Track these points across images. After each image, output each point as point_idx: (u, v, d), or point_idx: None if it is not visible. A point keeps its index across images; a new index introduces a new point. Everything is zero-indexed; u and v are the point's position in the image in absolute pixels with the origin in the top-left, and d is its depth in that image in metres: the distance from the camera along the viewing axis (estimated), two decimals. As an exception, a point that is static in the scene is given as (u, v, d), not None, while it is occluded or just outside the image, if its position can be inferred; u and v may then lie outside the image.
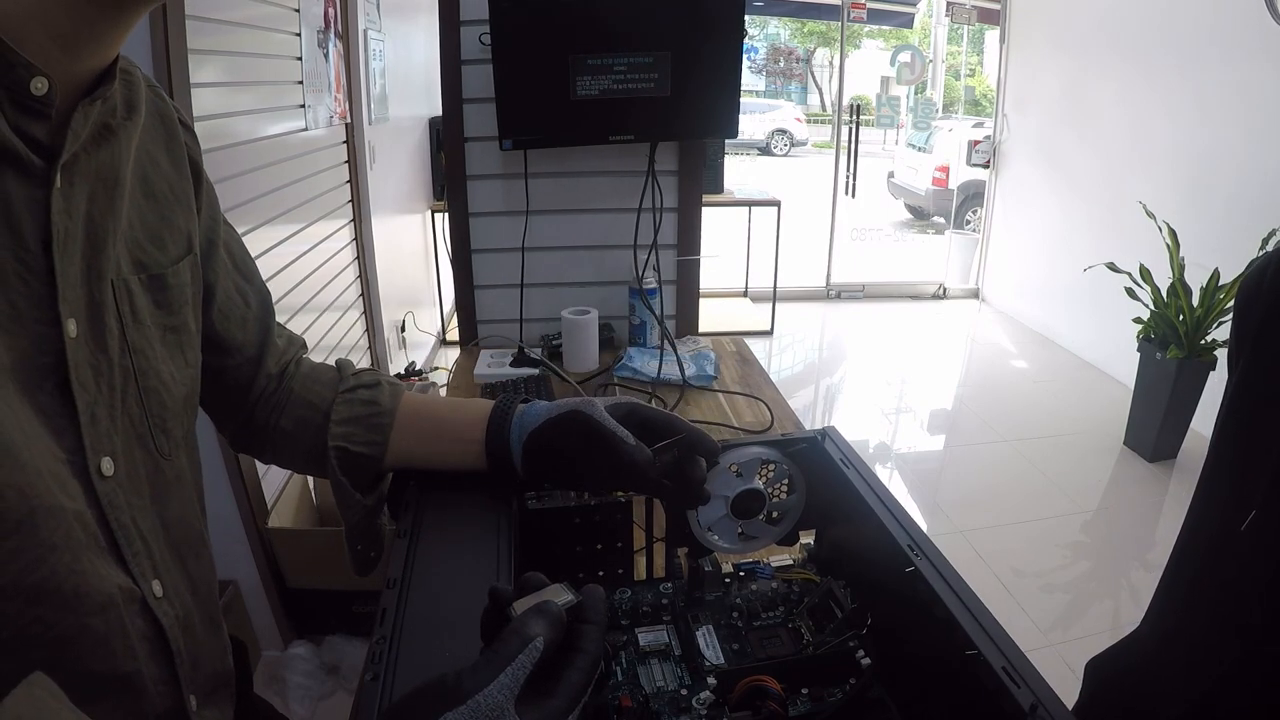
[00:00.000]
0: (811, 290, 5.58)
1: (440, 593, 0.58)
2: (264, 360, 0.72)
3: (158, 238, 0.58)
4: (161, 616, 0.53)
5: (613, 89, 1.53)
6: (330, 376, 0.75)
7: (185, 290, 0.60)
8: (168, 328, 0.58)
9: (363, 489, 0.72)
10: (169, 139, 0.62)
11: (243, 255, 0.72)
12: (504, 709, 0.40)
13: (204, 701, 0.60)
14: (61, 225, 0.46)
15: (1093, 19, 4.24)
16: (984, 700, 0.49)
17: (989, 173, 5.40)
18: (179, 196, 0.61)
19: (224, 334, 0.68)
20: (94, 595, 0.47)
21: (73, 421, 0.47)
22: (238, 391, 0.71)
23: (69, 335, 0.47)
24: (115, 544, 0.50)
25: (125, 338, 0.52)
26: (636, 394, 1.56)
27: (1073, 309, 4.50)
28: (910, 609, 0.59)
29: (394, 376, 0.80)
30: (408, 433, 0.73)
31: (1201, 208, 3.43)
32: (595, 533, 0.75)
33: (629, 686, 0.66)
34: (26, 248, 0.45)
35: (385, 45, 3.10)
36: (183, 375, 0.59)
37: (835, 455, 0.75)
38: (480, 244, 1.78)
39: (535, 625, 0.43)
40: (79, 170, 0.48)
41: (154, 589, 0.53)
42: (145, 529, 0.53)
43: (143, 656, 0.51)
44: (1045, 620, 2.30)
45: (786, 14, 8.92)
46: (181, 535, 0.58)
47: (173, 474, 0.58)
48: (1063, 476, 3.11)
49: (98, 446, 0.48)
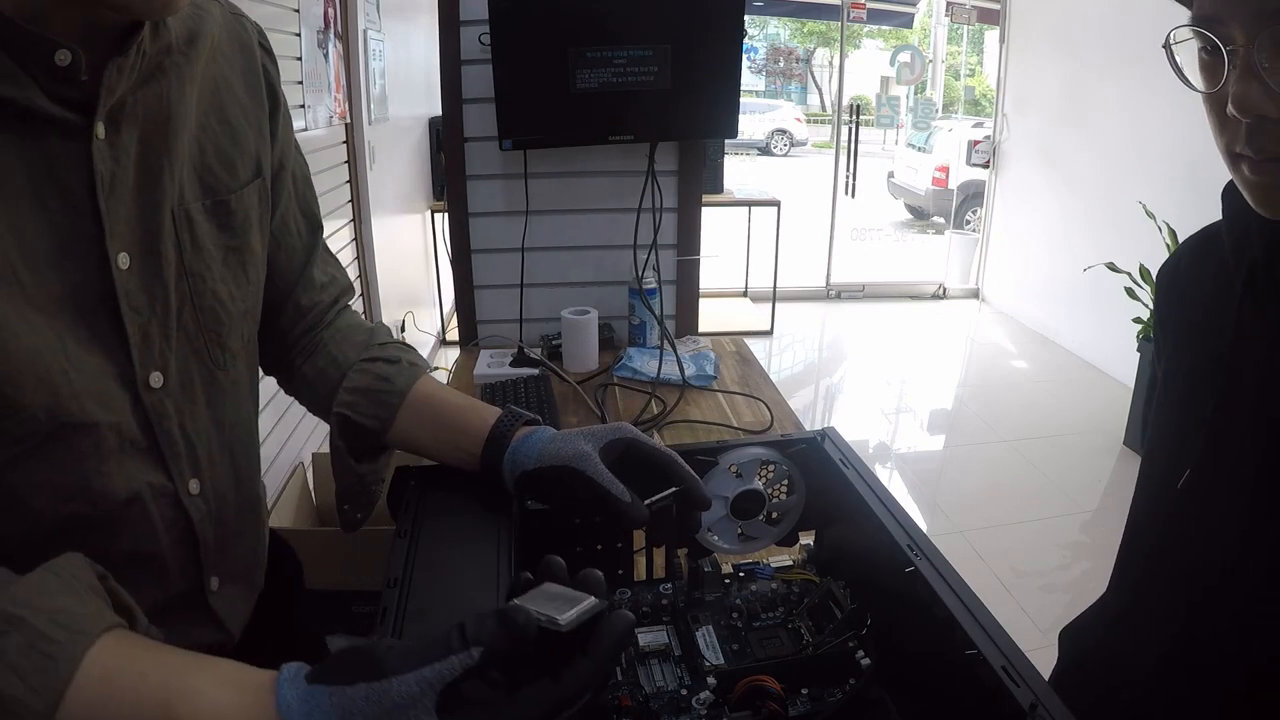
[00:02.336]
0: (811, 290, 5.58)
1: (440, 593, 0.58)
2: (295, 291, 0.75)
3: (228, 162, 0.63)
4: (192, 511, 0.61)
5: (612, 82, 1.53)
6: (360, 339, 0.76)
7: (250, 214, 0.65)
8: (230, 248, 0.63)
9: (359, 457, 0.73)
10: (246, 66, 0.65)
11: (305, 186, 0.75)
12: (415, 702, 0.39)
13: (227, 581, 0.68)
14: (107, 171, 0.51)
15: (1092, 19, 4.24)
16: (984, 700, 0.49)
17: (989, 173, 5.40)
18: (252, 122, 0.65)
19: (271, 255, 0.71)
20: (119, 493, 0.55)
21: (124, 342, 0.54)
22: (270, 310, 0.73)
23: (119, 267, 0.53)
24: (157, 447, 0.58)
25: (183, 262, 0.58)
26: (636, 394, 1.56)
27: (1073, 309, 4.50)
28: (910, 609, 0.59)
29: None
30: (414, 418, 0.72)
31: (1201, 208, 3.39)
32: (595, 533, 0.75)
33: (629, 686, 0.66)
34: (73, 193, 0.50)
35: (385, 45, 3.10)
36: (242, 292, 0.65)
37: (835, 456, 0.75)
38: (480, 244, 1.78)
39: (484, 631, 0.40)
40: (126, 116, 0.53)
41: (189, 487, 0.61)
42: (194, 432, 0.61)
43: (168, 542, 0.60)
44: (1045, 620, 2.30)
45: (786, 14, 8.93)
46: (235, 435, 0.66)
47: (228, 381, 0.64)
48: (1063, 476, 3.11)
49: (147, 363, 0.56)
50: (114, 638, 0.43)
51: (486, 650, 0.40)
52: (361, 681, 0.39)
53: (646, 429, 1.42)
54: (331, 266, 0.80)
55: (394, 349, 0.76)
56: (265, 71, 0.67)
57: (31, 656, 0.40)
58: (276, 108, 0.68)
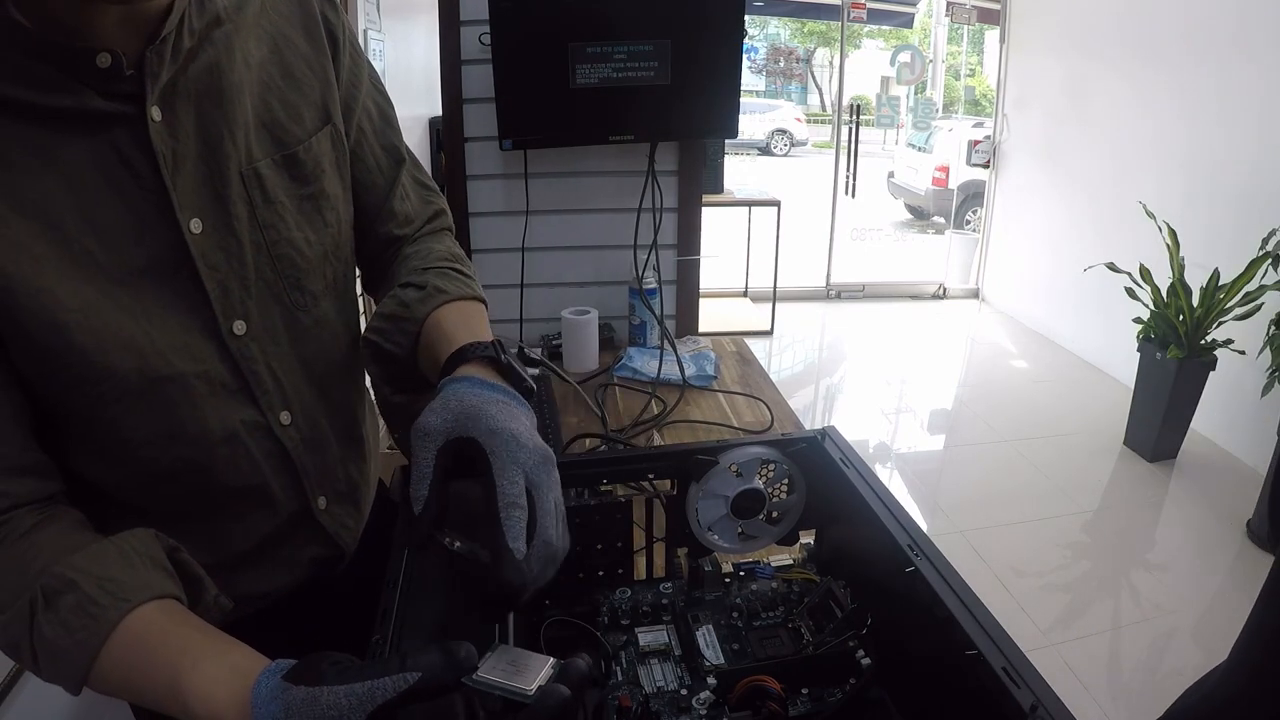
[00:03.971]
0: (811, 290, 5.58)
1: (440, 593, 0.58)
2: (376, 223, 0.77)
3: (295, 114, 0.66)
4: (285, 440, 0.67)
5: (612, 78, 1.53)
6: (415, 264, 0.74)
7: (322, 160, 0.68)
8: (303, 197, 0.66)
9: (394, 383, 0.70)
10: (305, 18, 0.68)
11: (382, 122, 0.77)
12: (344, 715, 0.40)
13: (334, 501, 0.75)
14: (167, 149, 0.56)
15: (1092, 19, 4.24)
16: (984, 700, 0.49)
17: (989, 173, 5.39)
18: (316, 70, 0.68)
19: (355, 191, 0.74)
20: (216, 432, 0.62)
21: (205, 298, 0.60)
22: (359, 240, 0.77)
23: (192, 232, 0.58)
24: (248, 387, 0.63)
25: (255, 217, 0.63)
26: (636, 394, 1.56)
27: (1073, 309, 4.49)
28: (910, 609, 0.59)
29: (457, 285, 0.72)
30: (426, 351, 0.67)
31: (1201, 207, 3.43)
32: (595, 532, 0.75)
33: (629, 686, 0.66)
34: (141, 174, 0.56)
35: (385, 45, 3.10)
36: (319, 236, 0.68)
37: (835, 455, 0.75)
38: (480, 244, 1.78)
39: (423, 659, 0.41)
40: (179, 95, 0.57)
41: (280, 419, 0.66)
42: (281, 370, 0.66)
43: (269, 471, 0.67)
44: (1045, 620, 2.30)
45: (786, 14, 8.91)
46: (323, 369, 0.71)
47: (310, 321, 0.68)
48: (1063, 476, 3.11)
49: (229, 313, 0.61)
50: (155, 607, 0.50)
51: (424, 677, 0.41)
52: (303, 685, 0.42)
53: (646, 429, 1.42)
54: (415, 201, 0.80)
55: (431, 275, 0.71)
56: (325, 18, 0.69)
57: (80, 615, 0.48)
58: (338, 51, 0.70)
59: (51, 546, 0.52)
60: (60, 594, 0.49)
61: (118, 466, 0.61)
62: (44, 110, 0.51)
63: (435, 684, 0.41)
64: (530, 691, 0.42)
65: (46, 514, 0.55)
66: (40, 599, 0.49)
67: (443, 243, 0.79)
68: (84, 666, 0.48)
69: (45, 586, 0.49)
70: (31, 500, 0.54)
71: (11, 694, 0.99)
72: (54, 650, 0.48)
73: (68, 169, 0.53)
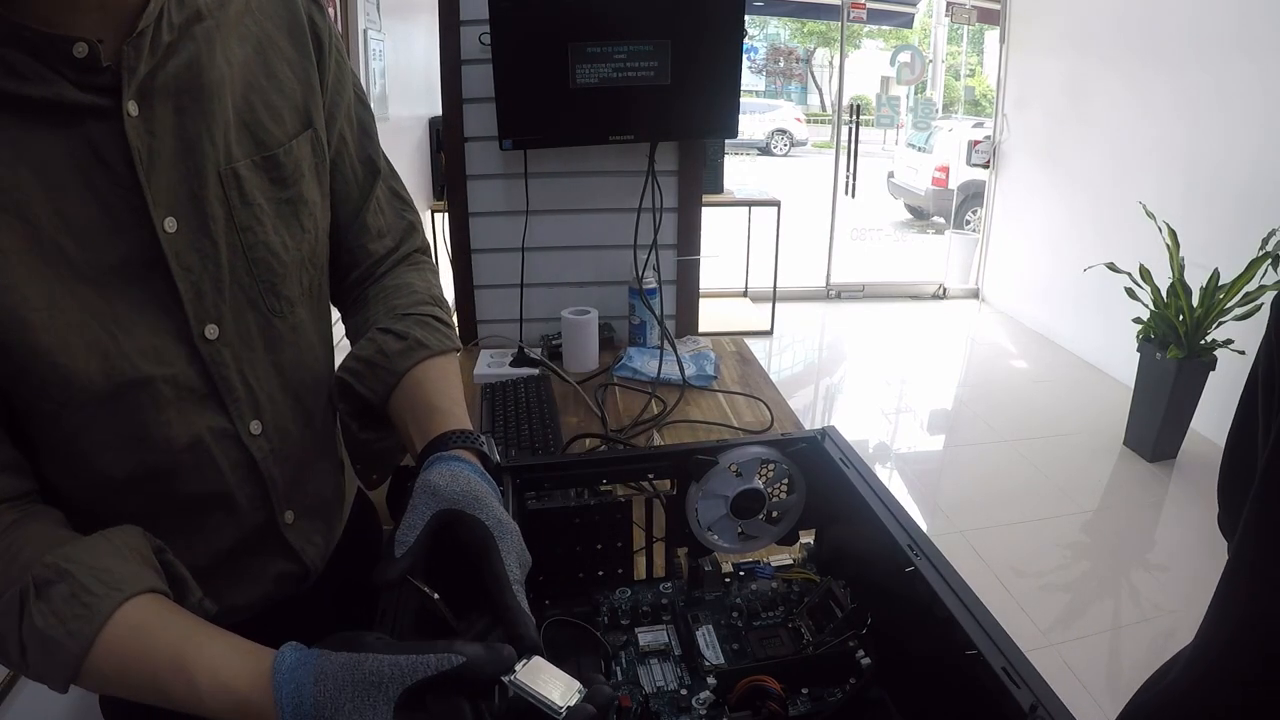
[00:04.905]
0: (811, 290, 5.58)
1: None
2: (349, 235, 0.76)
3: (277, 115, 0.64)
4: (254, 450, 0.65)
5: (612, 78, 1.53)
6: (397, 303, 0.74)
7: (301, 165, 0.66)
8: (282, 200, 0.65)
9: (361, 422, 0.70)
10: (290, 20, 0.66)
11: (362, 135, 0.75)
12: (382, 684, 0.40)
13: (301, 515, 0.72)
14: (143, 145, 0.55)
15: (1092, 19, 4.24)
16: (984, 700, 0.49)
17: (989, 173, 5.39)
18: (299, 74, 0.66)
19: (331, 200, 0.73)
20: (180, 438, 0.60)
21: (178, 300, 0.58)
22: (332, 251, 0.75)
23: (166, 231, 0.56)
24: (217, 393, 0.62)
25: (232, 218, 0.61)
26: (636, 394, 1.56)
27: (1073, 309, 4.49)
28: (910, 609, 0.59)
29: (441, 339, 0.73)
30: (400, 404, 0.69)
31: (1201, 208, 3.43)
32: (595, 532, 0.75)
33: (629, 686, 0.66)
34: (115, 170, 0.54)
35: (385, 45, 3.10)
36: (296, 241, 0.66)
37: (835, 455, 0.75)
38: (480, 244, 1.78)
39: (471, 649, 0.42)
40: (157, 91, 0.55)
41: (250, 428, 0.64)
42: (254, 377, 0.64)
43: (235, 481, 0.64)
44: (1045, 620, 2.30)
45: (786, 14, 8.92)
46: (298, 377, 0.69)
47: (286, 327, 0.67)
48: (1063, 476, 3.11)
49: (202, 316, 0.59)
50: (148, 599, 0.49)
51: (468, 663, 0.41)
52: (346, 651, 0.42)
53: (646, 429, 1.42)
54: (389, 215, 0.78)
55: (412, 323, 0.72)
56: (311, 22, 0.68)
57: (72, 605, 0.47)
58: (324, 57, 0.69)
59: (39, 540, 0.51)
60: (52, 584, 0.48)
61: (76, 471, 0.58)
62: (16, 99, 0.49)
63: (477, 673, 0.42)
64: (560, 708, 0.43)
65: (26, 511, 0.54)
66: (32, 589, 0.48)
67: (424, 278, 0.79)
68: (77, 657, 0.47)
69: (37, 577, 0.48)
70: (9, 497, 0.53)
71: (11, 694, 0.99)
72: (45, 642, 0.47)
73: (40, 161, 0.51)
